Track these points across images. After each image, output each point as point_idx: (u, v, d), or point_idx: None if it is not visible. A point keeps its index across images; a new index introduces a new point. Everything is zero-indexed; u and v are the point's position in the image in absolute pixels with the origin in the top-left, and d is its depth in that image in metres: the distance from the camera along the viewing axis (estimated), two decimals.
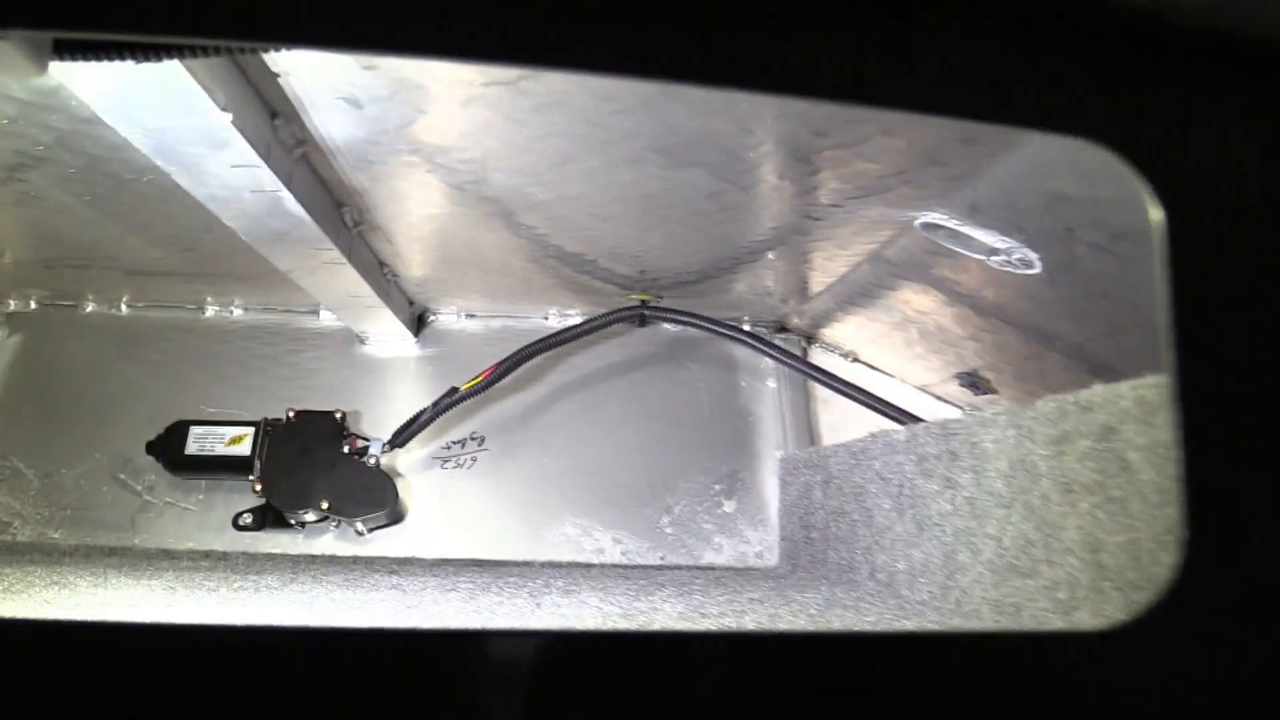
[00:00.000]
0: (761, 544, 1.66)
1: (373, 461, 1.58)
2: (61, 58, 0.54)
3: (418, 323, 1.79)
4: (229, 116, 0.79)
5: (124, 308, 1.80)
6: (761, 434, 1.76)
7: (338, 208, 1.18)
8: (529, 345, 1.59)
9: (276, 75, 0.83)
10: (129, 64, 0.56)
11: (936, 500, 1.00)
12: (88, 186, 1.13)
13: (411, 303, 1.74)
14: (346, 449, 1.59)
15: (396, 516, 1.61)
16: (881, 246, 1.32)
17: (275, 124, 0.91)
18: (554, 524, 1.64)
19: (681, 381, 1.79)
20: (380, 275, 1.47)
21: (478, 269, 1.57)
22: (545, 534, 1.64)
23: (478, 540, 1.63)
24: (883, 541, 1.14)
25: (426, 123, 0.94)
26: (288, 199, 0.98)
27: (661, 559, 1.64)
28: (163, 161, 0.88)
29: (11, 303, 1.79)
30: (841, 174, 1.07)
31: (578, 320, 1.82)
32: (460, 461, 1.69)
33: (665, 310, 1.64)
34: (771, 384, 1.80)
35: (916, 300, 1.45)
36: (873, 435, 1.23)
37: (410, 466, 1.68)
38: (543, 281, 1.63)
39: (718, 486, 1.70)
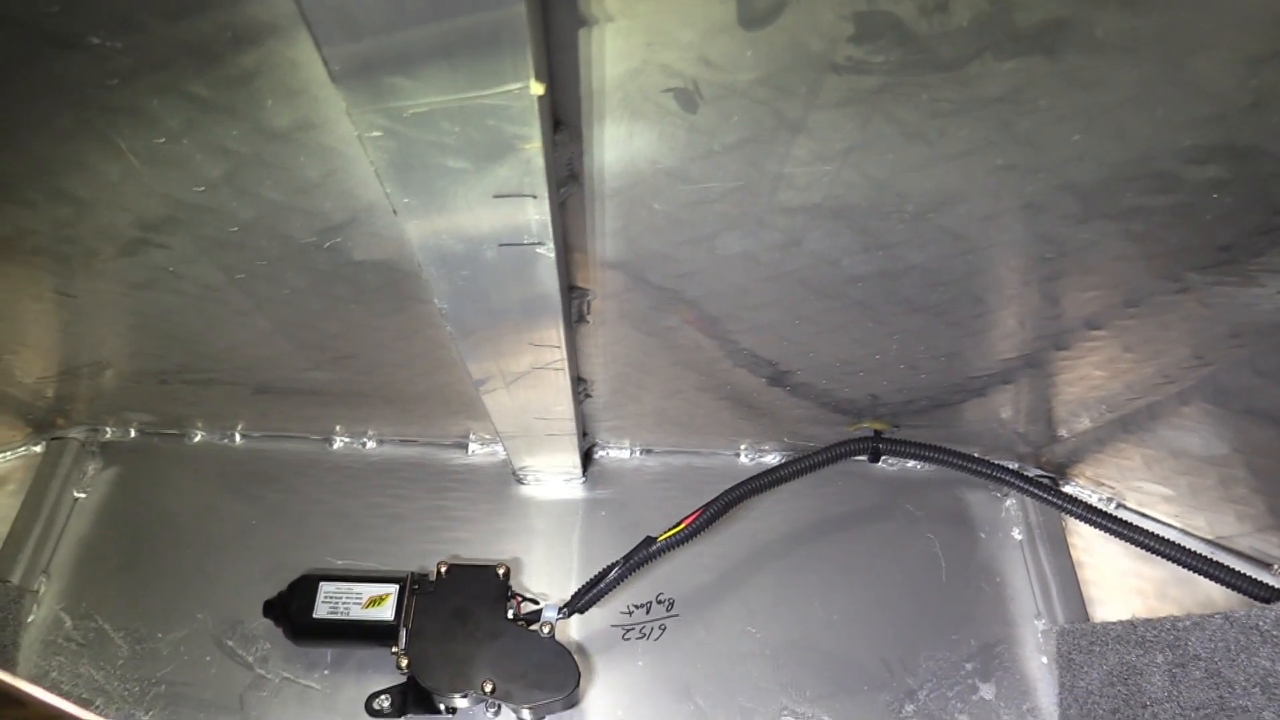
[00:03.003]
0: None
1: (546, 630, 1.24)
2: None
3: (585, 458, 1.49)
4: (539, 90, 0.50)
5: (238, 437, 1.52)
6: (1013, 599, 1.40)
7: (569, 290, 0.89)
8: (740, 485, 1.26)
9: (583, 25, 0.54)
10: None
11: None
12: (246, 258, 0.85)
13: (585, 433, 1.43)
14: (512, 614, 1.26)
15: (573, 701, 1.27)
16: (1239, 347, 1.00)
17: (556, 138, 0.63)
18: (770, 715, 1.28)
19: (907, 535, 1.45)
20: (576, 392, 1.17)
21: (664, 393, 1.27)
22: None
23: None
24: None
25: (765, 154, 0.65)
26: (546, 259, 0.69)
27: None
28: (395, 180, 0.59)
29: (109, 430, 1.52)
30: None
31: (775, 458, 1.51)
32: (645, 631, 1.35)
33: (904, 443, 1.32)
34: (1018, 535, 1.46)
35: (1258, 426, 1.12)
36: None
37: (587, 636, 1.34)
38: (733, 410, 1.33)
39: (969, 665, 1.33)
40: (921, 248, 0.78)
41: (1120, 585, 1.46)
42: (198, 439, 1.52)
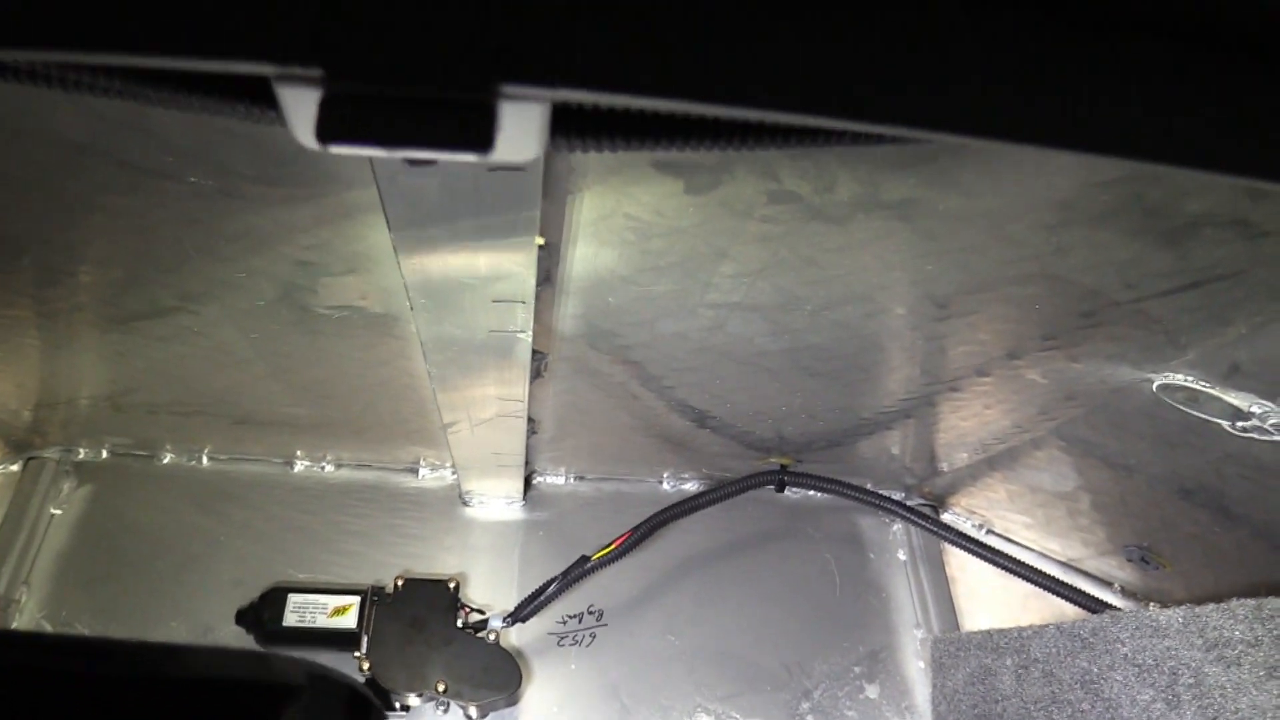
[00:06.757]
0: None
1: (492, 637, 1.42)
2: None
3: (526, 484, 1.66)
4: (540, 242, 0.69)
5: (205, 460, 1.65)
6: (897, 611, 1.62)
7: (532, 354, 1.08)
8: (665, 510, 1.46)
9: (571, 193, 0.73)
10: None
11: (1248, 692, 0.88)
12: (263, 323, 1.02)
13: (527, 462, 1.61)
14: (461, 623, 1.43)
15: (515, 700, 1.44)
16: (1076, 407, 1.23)
17: (539, 253, 0.81)
18: (686, 712, 1.48)
19: (806, 555, 1.66)
20: (526, 431, 1.35)
21: (601, 431, 1.46)
22: None
23: None
24: None
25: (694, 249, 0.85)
26: (524, 342, 0.88)
27: None
28: (419, 289, 0.77)
29: (81, 451, 1.64)
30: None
31: (694, 486, 1.71)
32: (578, 638, 1.53)
33: (806, 475, 1.53)
34: (902, 556, 1.68)
35: (1096, 468, 1.35)
36: (1112, 616, 1.10)
37: (527, 643, 1.51)
38: (660, 445, 1.52)
39: (858, 669, 1.55)
40: (817, 333, 0.99)
41: (988, 599, 1.70)
42: (166, 460, 1.65)
